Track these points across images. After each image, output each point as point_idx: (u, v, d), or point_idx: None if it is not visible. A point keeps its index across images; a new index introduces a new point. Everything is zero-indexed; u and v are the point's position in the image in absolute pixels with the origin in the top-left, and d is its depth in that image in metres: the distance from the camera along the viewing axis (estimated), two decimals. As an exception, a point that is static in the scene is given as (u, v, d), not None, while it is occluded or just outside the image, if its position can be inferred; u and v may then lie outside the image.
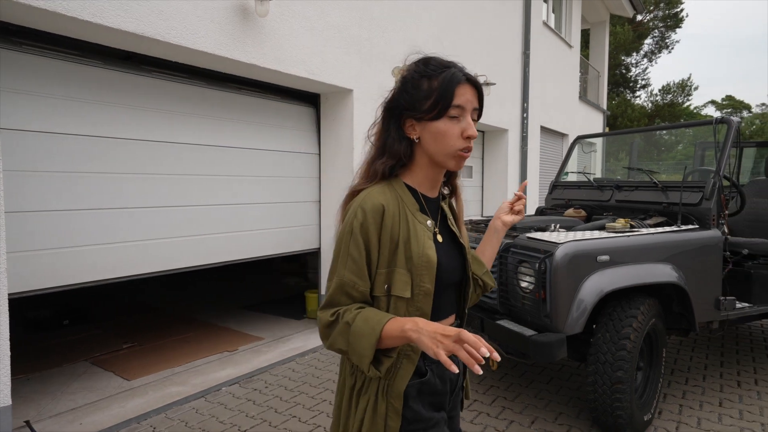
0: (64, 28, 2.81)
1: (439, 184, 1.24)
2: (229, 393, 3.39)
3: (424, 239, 1.14)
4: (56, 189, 3.01)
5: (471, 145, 1.15)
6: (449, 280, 1.21)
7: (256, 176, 4.30)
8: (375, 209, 1.11)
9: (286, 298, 6.07)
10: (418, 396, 1.15)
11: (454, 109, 1.11)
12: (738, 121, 3.33)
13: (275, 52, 3.81)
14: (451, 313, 1.26)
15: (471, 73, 1.18)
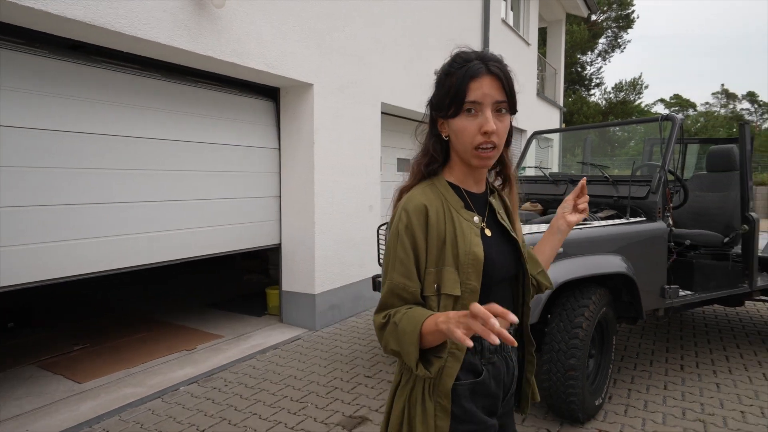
0: (6, 15, 2.67)
1: (483, 178, 1.23)
2: (188, 392, 3.32)
3: (471, 236, 1.13)
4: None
5: (491, 140, 1.09)
6: (501, 275, 1.18)
7: (215, 171, 4.21)
8: (418, 210, 1.12)
9: (247, 295, 5.98)
10: (471, 396, 1.13)
11: (469, 104, 1.09)
12: (681, 119, 3.50)
13: (233, 45, 3.74)
14: (509, 308, 1.20)
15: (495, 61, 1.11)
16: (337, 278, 4.95)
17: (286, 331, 4.61)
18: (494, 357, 1.17)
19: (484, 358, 1.15)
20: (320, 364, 3.82)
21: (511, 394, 1.25)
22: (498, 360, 1.18)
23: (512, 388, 1.24)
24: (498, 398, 1.19)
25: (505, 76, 1.10)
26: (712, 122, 34.23)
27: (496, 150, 1.12)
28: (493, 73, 1.09)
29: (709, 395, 3.23)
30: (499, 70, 1.09)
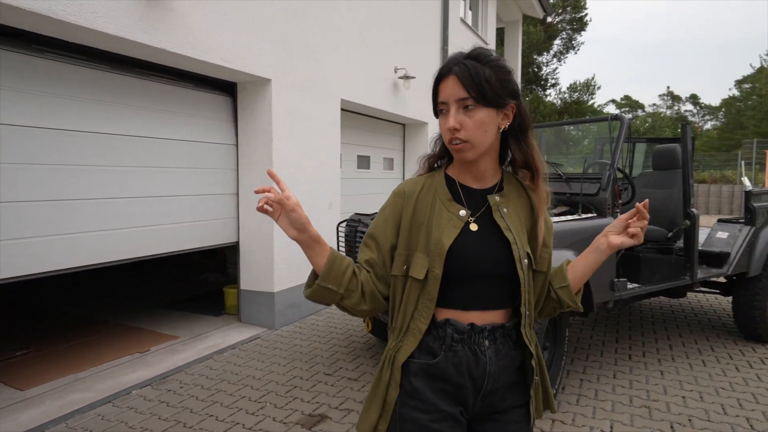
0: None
1: (481, 175, 1.23)
2: (140, 396, 3.21)
3: (447, 227, 1.17)
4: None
5: (456, 135, 1.14)
6: (479, 271, 1.17)
7: (170, 168, 4.08)
8: (397, 193, 1.26)
9: (205, 294, 5.85)
10: (425, 377, 1.18)
11: (440, 105, 1.18)
12: (629, 118, 3.64)
13: (187, 37, 3.63)
14: (498, 307, 1.21)
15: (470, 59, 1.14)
16: (297, 276, 4.91)
17: (244, 331, 4.53)
18: (457, 346, 1.17)
19: (445, 344, 1.17)
20: (279, 363, 3.78)
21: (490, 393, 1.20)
22: (462, 349, 1.17)
23: (489, 386, 1.19)
24: (463, 388, 1.18)
25: (471, 72, 1.11)
26: (659, 123, 35.85)
27: (469, 144, 1.14)
28: (455, 73, 1.13)
29: (654, 382, 3.40)
30: (462, 68, 1.12)
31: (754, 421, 2.85)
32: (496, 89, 1.13)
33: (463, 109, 1.13)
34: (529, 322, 1.22)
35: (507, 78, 1.16)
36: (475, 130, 1.13)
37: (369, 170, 6.97)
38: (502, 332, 1.20)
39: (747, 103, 32.22)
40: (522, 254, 1.18)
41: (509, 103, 1.17)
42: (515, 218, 1.22)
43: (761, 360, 3.80)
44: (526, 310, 1.21)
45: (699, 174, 19.36)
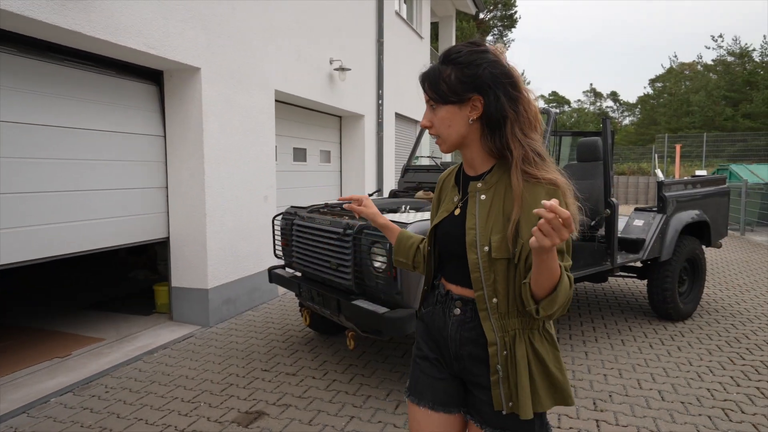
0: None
1: (470, 164, 1.34)
2: (60, 404, 3.01)
3: (442, 210, 1.39)
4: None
5: (430, 132, 1.32)
6: (451, 252, 1.34)
7: (91, 160, 3.81)
8: (438, 180, 1.49)
9: (133, 293, 5.55)
10: (421, 321, 1.47)
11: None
12: (556, 112, 3.82)
13: (105, 20, 3.40)
14: (465, 285, 1.31)
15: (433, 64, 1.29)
16: (232, 271, 4.77)
17: (176, 330, 4.35)
18: (437, 307, 1.39)
19: (433, 302, 1.41)
20: (214, 362, 3.66)
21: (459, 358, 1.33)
22: (438, 310, 1.38)
23: (453, 349, 1.34)
24: (438, 342, 1.38)
25: (428, 75, 1.28)
26: (584, 118, 37.91)
27: (441, 139, 1.30)
28: (420, 80, 1.30)
29: (579, 363, 3.61)
30: (425, 74, 1.29)
31: (665, 393, 3.11)
32: (454, 87, 1.22)
33: (431, 108, 1.30)
34: (492, 309, 1.23)
35: (470, 73, 1.21)
36: (440, 126, 1.28)
37: (305, 163, 6.87)
38: (473, 306, 1.30)
39: (659, 101, 34.77)
40: (481, 240, 1.22)
41: (470, 97, 1.22)
42: (492, 206, 1.24)
43: (671, 337, 4.13)
44: (485, 295, 1.23)
45: (619, 166, 20.70)
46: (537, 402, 1.23)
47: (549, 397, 1.24)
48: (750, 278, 6.28)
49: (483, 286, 1.24)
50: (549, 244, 0.98)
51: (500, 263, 1.22)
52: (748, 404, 2.96)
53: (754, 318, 4.63)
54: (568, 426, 2.72)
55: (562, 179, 1.21)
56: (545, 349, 1.25)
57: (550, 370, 1.24)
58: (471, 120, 1.24)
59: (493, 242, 1.21)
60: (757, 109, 25.21)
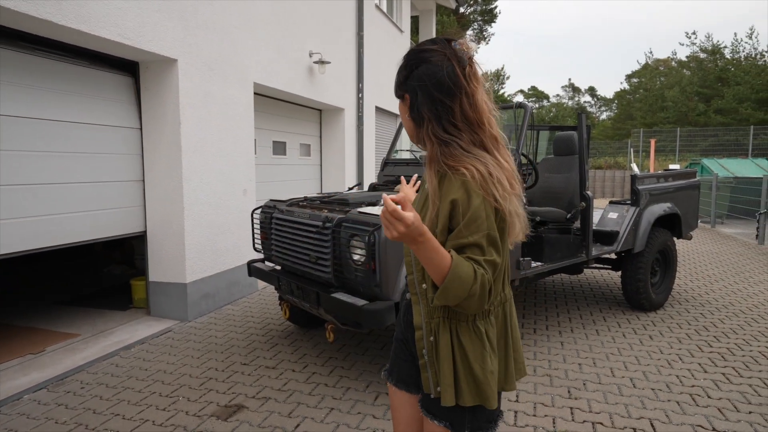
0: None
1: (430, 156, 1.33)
2: (33, 401, 2.96)
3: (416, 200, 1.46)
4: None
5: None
6: None
7: (65, 152, 3.73)
8: None
9: (110, 288, 5.47)
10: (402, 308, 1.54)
11: None
12: (532, 107, 3.87)
13: (78, 9, 3.32)
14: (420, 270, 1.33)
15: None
16: (210, 265, 4.73)
17: (154, 324, 4.30)
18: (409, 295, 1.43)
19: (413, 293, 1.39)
20: (193, 356, 3.64)
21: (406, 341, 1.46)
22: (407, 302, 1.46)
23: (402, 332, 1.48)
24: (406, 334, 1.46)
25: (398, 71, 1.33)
26: (562, 112, 38.37)
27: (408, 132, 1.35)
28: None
29: (555, 353, 3.69)
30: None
31: (636, 380, 3.20)
32: (396, 84, 1.33)
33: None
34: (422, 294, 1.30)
35: (405, 73, 1.29)
36: (402, 119, 1.35)
37: (285, 156, 6.83)
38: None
39: (635, 96, 35.39)
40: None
41: (402, 95, 1.32)
42: (425, 197, 1.33)
43: (644, 327, 4.25)
44: (415, 280, 1.32)
45: (596, 161, 21.05)
46: (459, 394, 1.26)
47: (470, 393, 1.25)
48: (719, 269, 6.48)
49: (413, 270, 1.33)
50: (389, 236, 1.08)
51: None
52: (714, 389, 3.07)
53: (722, 307, 4.78)
54: (543, 414, 2.78)
55: (476, 172, 1.18)
56: (471, 344, 1.25)
57: (472, 365, 1.24)
58: (407, 116, 1.32)
59: None
60: (728, 105, 25.87)
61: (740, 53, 28.73)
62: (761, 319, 4.40)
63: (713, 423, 2.67)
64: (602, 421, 2.70)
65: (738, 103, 25.64)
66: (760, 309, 4.72)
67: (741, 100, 25.66)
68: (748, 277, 6.00)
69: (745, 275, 6.12)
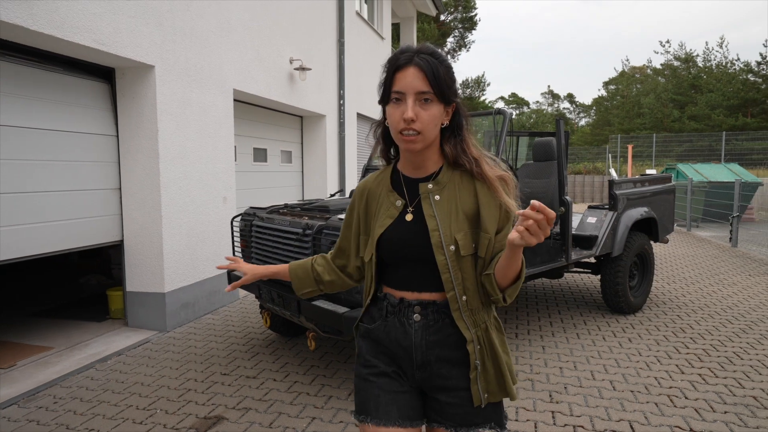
0: None
1: (421, 164, 1.29)
2: (3, 417, 2.86)
3: (384, 217, 1.31)
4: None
5: (411, 126, 1.17)
6: (408, 256, 1.28)
7: (38, 160, 3.65)
8: (357, 190, 1.41)
9: (85, 299, 5.34)
10: (368, 338, 1.38)
11: (395, 94, 1.19)
12: (511, 113, 3.91)
13: (50, 14, 3.26)
14: (432, 289, 1.28)
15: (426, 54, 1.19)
16: (190, 274, 4.66)
17: (131, 335, 4.21)
18: (390, 317, 1.32)
19: (382, 314, 1.34)
20: (171, 367, 3.57)
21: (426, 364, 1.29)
22: (393, 321, 1.32)
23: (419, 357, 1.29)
24: (397, 354, 1.32)
25: (432, 67, 1.17)
26: (542, 119, 38.93)
27: (421, 136, 1.19)
28: (417, 65, 1.17)
29: (537, 357, 3.71)
30: (424, 63, 1.17)
31: (615, 383, 3.23)
32: (450, 86, 1.21)
33: (421, 102, 1.18)
34: (464, 307, 1.24)
35: (454, 78, 1.25)
36: (428, 123, 1.18)
37: (266, 163, 6.78)
38: (435, 308, 1.28)
39: (613, 103, 36.10)
40: (446, 240, 1.22)
41: (453, 101, 1.25)
42: (448, 205, 1.26)
43: (623, 329, 4.30)
44: (457, 294, 1.24)
45: (575, 166, 21.38)
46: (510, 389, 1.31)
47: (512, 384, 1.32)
48: (695, 271, 6.61)
49: (454, 285, 1.24)
50: (535, 242, 1.01)
51: (467, 260, 1.24)
52: (691, 390, 3.12)
53: (698, 309, 4.87)
54: (525, 419, 2.79)
55: (509, 175, 1.28)
56: (500, 336, 1.33)
57: (508, 356, 1.33)
58: (443, 124, 1.25)
59: (459, 240, 1.23)
60: (701, 111, 26.56)
61: (712, 61, 29.56)
62: (735, 321, 4.50)
63: (690, 423, 2.71)
64: (583, 424, 2.72)
65: (711, 110, 26.35)
66: (734, 310, 4.82)
67: (713, 107, 26.37)
68: (723, 279, 6.13)
69: (720, 277, 6.25)
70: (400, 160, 1.34)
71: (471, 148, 1.28)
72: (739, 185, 8.55)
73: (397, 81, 1.18)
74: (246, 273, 1.51)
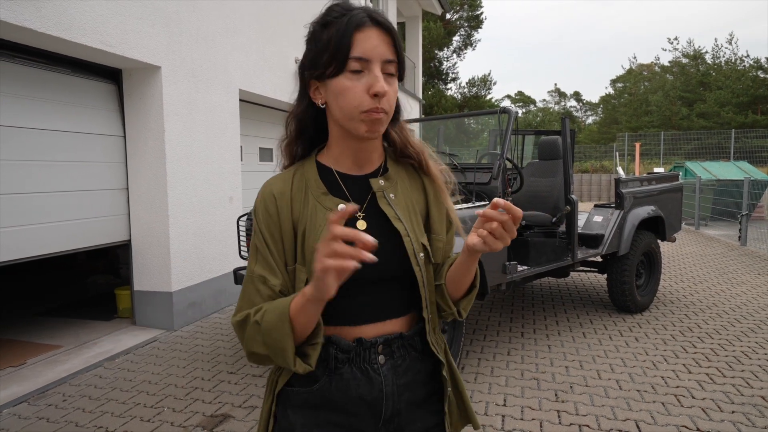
0: None
1: (367, 157, 1.00)
2: (14, 414, 2.90)
3: (323, 229, 0.92)
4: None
5: (380, 105, 0.88)
6: (367, 276, 0.90)
7: (47, 161, 3.69)
8: (267, 199, 0.97)
9: (93, 298, 5.39)
10: (306, 408, 0.96)
11: (355, 61, 0.87)
12: (516, 111, 3.91)
13: (58, 17, 3.29)
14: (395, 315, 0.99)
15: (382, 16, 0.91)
16: (197, 273, 4.69)
17: (139, 334, 4.25)
18: (343, 367, 0.96)
19: (328, 366, 0.95)
20: (179, 365, 3.60)
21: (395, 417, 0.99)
22: (349, 371, 0.96)
23: (389, 410, 0.98)
24: (357, 416, 0.96)
25: (396, 36, 0.91)
26: (548, 117, 38.77)
27: (387, 117, 0.91)
28: (382, 25, 0.89)
29: (542, 356, 3.70)
30: (389, 25, 0.91)
31: (622, 382, 3.22)
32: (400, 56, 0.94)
33: (384, 75, 0.89)
34: (433, 326, 1.02)
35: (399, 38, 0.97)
36: (392, 103, 0.92)
37: (272, 163, 6.81)
38: (401, 343, 0.99)
39: (620, 101, 35.88)
40: (417, 247, 0.98)
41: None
42: (405, 204, 1.01)
43: (629, 329, 4.29)
44: (428, 313, 1.00)
45: (582, 164, 21.27)
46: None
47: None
48: (703, 270, 6.56)
49: (428, 303, 1.00)
50: (501, 246, 0.85)
51: (429, 269, 1.01)
52: (698, 390, 3.10)
53: (706, 308, 4.84)
54: (531, 417, 2.79)
55: (448, 170, 1.09)
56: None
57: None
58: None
59: (426, 246, 1.01)
60: (710, 108, 26.34)
61: (721, 58, 29.30)
62: (744, 320, 4.47)
63: (697, 423, 2.69)
64: (589, 423, 2.71)
65: (720, 107, 26.12)
66: (742, 309, 4.78)
67: (722, 104, 26.14)
68: (731, 278, 6.09)
69: (728, 276, 6.21)
70: (330, 154, 1.01)
71: (412, 137, 1.05)
72: (748, 183, 8.47)
73: (358, 43, 0.87)
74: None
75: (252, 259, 0.96)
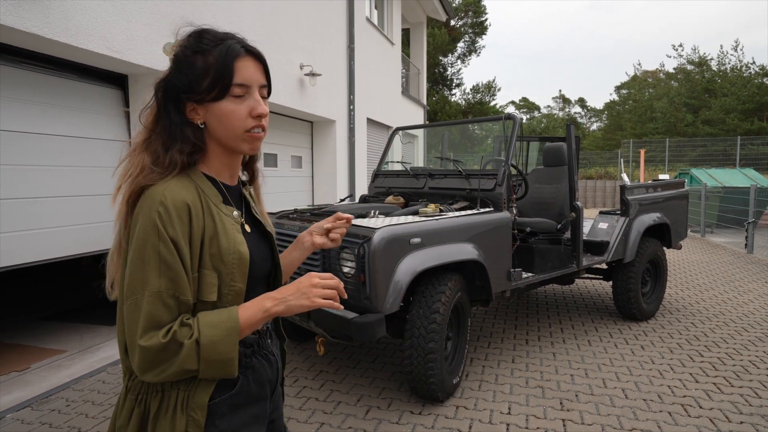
0: None
1: (237, 170, 1.15)
2: (17, 419, 2.90)
3: (234, 233, 1.02)
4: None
5: (263, 123, 1.04)
6: (260, 273, 1.11)
7: (53, 166, 3.71)
8: (179, 208, 0.95)
9: (98, 303, 5.39)
10: (233, 412, 1.02)
11: (238, 87, 1.00)
12: (521, 118, 3.90)
13: (65, 23, 3.31)
14: None
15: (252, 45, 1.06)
16: (200, 279, 4.68)
17: (142, 340, 4.23)
18: (252, 360, 1.08)
19: (241, 364, 1.04)
20: (181, 372, 3.58)
21: (279, 384, 1.23)
22: (257, 361, 1.10)
23: (279, 378, 1.21)
24: (266, 400, 1.11)
25: (262, 57, 1.07)
26: (553, 123, 38.74)
27: (264, 134, 1.07)
28: (255, 55, 1.05)
29: (547, 364, 3.67)
30: (259, 52, 1.06)
31: (628, 391, 3.19)
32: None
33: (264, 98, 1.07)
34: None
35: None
36: (268, 120, 1.09)
37: (276, 168, 6.82)
38: (273, 326, 1.24)
39: (625, 107, 35.82)
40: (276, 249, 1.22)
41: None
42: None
43: (635, 337, 4.25)
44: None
45: (587, 171, 21.22)
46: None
47: None
48: (709, 278, 6.51)
49: None
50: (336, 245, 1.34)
51: None
52: (705, 399, 3.06)
53: (713, 316, 4.80)
54: (536, 426, 2.76)
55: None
56: None
57: None
58: None
59: None
60: (715, 115, 26.26)
61: (726, 65, 29.24)
62: (751, 328, 4.42)
63: (705, 434, 2.66)
64: (594, 433, 2.68)
65: (725, 114, 26.04)
66: (750, 318, 4.74)
67: (728, 111, 26.06)
68: (738, 286, 6.03)
69: (735, 284, 6.15)
70: (210, 166, 1.08)
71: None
72: (754, 190, 8.42)
73: (240, 71, 1.01)
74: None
75: (152, 274, 0.91)
